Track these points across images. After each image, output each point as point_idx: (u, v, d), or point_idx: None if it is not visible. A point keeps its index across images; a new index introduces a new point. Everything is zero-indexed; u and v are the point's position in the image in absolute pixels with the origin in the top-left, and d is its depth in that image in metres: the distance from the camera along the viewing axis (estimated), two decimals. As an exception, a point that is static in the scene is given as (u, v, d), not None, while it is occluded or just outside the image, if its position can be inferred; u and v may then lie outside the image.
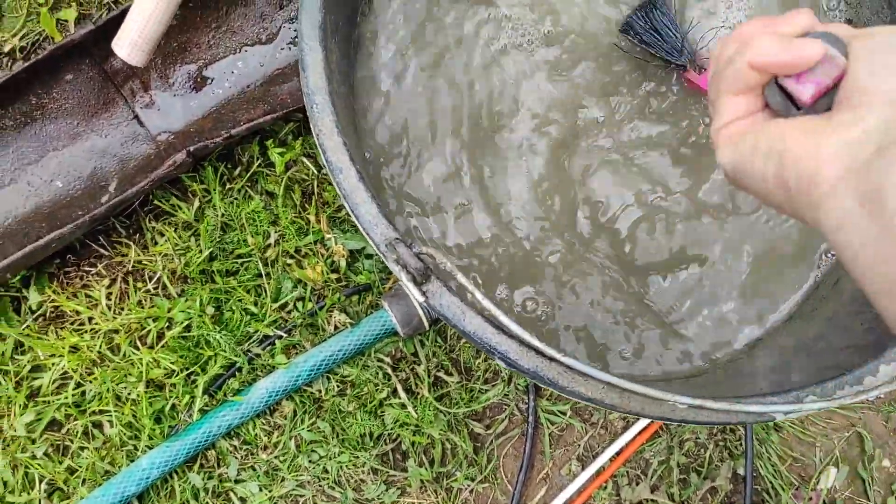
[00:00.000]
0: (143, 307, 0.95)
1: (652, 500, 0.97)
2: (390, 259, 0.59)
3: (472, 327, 0.59)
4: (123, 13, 0.87)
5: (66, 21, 1.01)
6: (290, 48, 1.01)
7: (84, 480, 0.91)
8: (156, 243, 0.96)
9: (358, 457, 0.94)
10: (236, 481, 0.93)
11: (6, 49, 0.99)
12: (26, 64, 0.89)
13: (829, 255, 0.85)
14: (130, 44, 0.82)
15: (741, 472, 0.97)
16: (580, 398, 0.59)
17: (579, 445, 0.98)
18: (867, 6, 0.88)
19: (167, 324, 0.94)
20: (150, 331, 0.94)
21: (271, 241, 0.97)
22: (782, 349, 0.77)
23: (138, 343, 0.94)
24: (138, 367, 0.92)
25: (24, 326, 0.93)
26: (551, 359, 0.58)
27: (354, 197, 0.61)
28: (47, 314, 0.95)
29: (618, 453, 0.97)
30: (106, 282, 0.95)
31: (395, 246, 0.59)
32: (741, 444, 0.99)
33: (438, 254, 0.59)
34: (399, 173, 0.86)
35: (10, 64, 1.00)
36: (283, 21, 1.01)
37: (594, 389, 0.59)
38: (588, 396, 0.59)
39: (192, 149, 0.89)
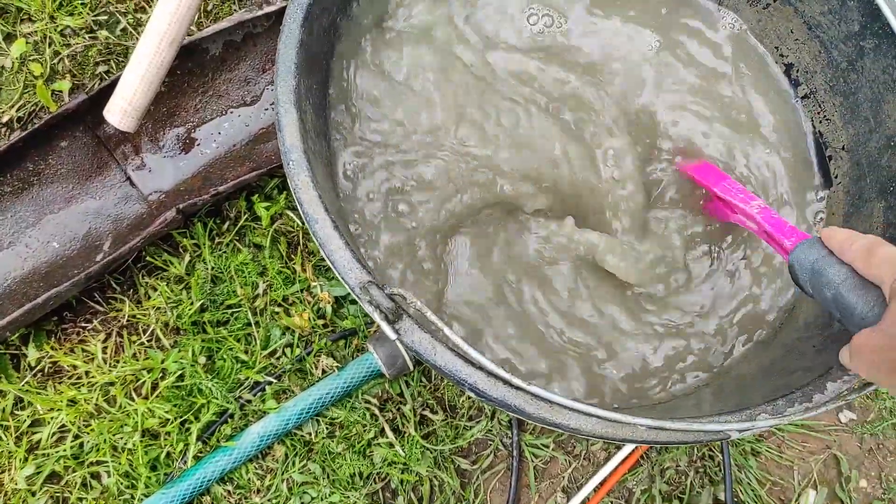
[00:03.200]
0: (137, 359, 0.99)
1: (636, 529, 0.99)
2: (364, 300, 0.63)
3: (443, 361, 0.63)
4: (114, 83, 0.93)
5: (61, 91, 1.07)
6: (273, 109, 1.07)
7: (83, 531, 0.94)
8: (149, 297, 1.01)
9: (349, 496, 0.97)
10: (231, 526, 0.95)
11: (4, 120, 1.05)
12: (24, 133, 0.94)
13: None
14: (121, 112, 0.88)
15: (722, 497, 1.00)
16: (547, 424, 0.63)
17: (563, 477, 1.01)
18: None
19: (161, 374, 0.98)
20: (144, 382, 0.98)
21: (260, 291, 1.02)
22: (742, 376, 0.81)
23: (133, 394, 0.98)
24: (134, 418, 0.96)
25: (23, 382, 0.97)
26: (517, 388, 0.62)
27: (329, 245, 0.65)
28: (45, 370, 0.98)
29: (601, 484, 1.00)
30: (102, 336, 0.99)
31: (368, 288, 0.63)
32: (721, 471, 1.02)
33: (409, 294, 0.63)
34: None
35: (7, 134, 1.06)
36: (266, 84, 1.07)
37: (559, 415, 0.62)
38: (553, 422, 0.62)
39: (181, 206, 0.95)
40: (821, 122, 0.91)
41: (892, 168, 0.79)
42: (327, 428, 0.99)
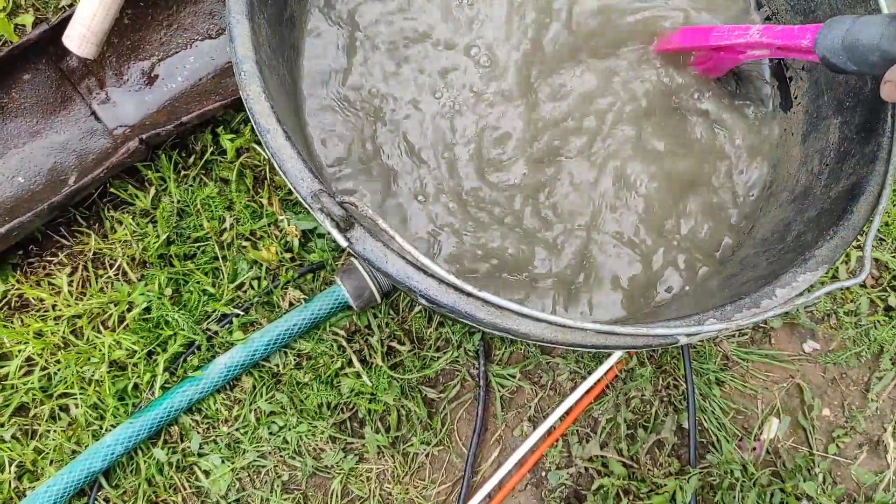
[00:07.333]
0: (104, 293, 0.99)
1: (602, 457, 1.01)
2: (315, 209, 0.63)
3: (394, 269, 0.63)
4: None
5: (24, 26, 1.06)
6: (237, 42, 1.06)
7: (52, 461, 0.94)
8: (115, 231, 1.01)
9: (316, 426, 0.97)
10: (199, 455, 0.96)
11: (-34, 55, 1.04)
12: (-17, 65, 0.93)
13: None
14: (79, 37, 0.87)
15: (685, 425, 1.02)
16: (497, 330, 0.64)
17: (530, 407, 1.02)
18: None
19: (128, 307, 0.98)
20: (111, 314, 0.98)
21: (227, 225, 1.02)
22: (704, 291, 0.82)
23: (101, 327, 0.98)
24: (101, 350, 0.96)
25: (-11, 316, 0.97)
26: (468, 294, 0.63)
27: (281, 154, 0.65)
28: (12, 303, 0.98)
29: (567, 413, 1.01)
30: (68, 270, 0.99)
31: (319, 196, 0.63)
32: (685, 400, 1.03)
33: (361, 202, 0.63)
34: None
35: (-30, 69, 1.05)
36: (231, 17, 1.06)
37: (509, 320, 0.63)
38: (504, 327, 0.63)
39: (144, 136, 0.94)
40: (782, 44, 0.91)
41: (849, 84, 0.79)
42: (295, 359, 0.99)
